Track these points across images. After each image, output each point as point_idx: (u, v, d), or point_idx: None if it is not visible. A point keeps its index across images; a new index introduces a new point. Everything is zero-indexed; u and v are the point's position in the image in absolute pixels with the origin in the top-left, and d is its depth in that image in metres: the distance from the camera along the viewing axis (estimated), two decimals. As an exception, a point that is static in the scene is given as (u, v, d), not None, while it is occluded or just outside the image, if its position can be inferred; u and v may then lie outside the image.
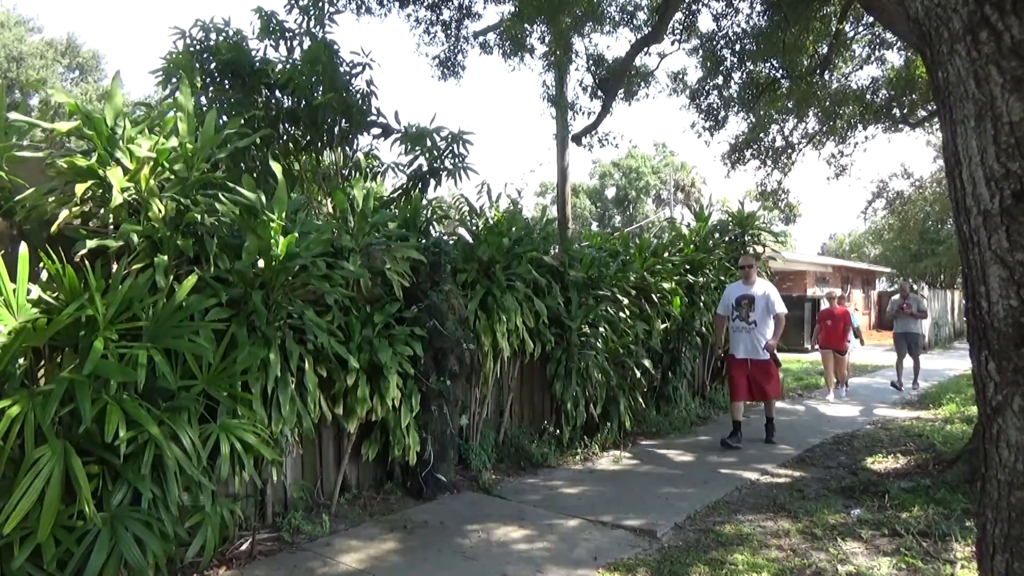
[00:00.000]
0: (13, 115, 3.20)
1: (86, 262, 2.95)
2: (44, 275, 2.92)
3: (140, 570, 2.73)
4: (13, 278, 2.71)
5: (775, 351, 6.39)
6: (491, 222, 5.88)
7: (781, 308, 6.48)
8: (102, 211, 3.20)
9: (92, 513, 2.61)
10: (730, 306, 6.63)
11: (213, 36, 5.73)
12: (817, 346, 10.12)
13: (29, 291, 2.76)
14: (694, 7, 10.09)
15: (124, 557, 2.71)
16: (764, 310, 6.43)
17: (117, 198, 3.05)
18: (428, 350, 4.65)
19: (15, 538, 2.50)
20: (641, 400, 6.82)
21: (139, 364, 2.74)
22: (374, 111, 6.23)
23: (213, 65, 5.69)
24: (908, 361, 10.46)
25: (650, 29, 9.94)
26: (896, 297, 10.95)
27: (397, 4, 9.58)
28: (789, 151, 13.02)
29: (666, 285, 7.39)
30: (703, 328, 7.77)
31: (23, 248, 2.75)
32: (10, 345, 2.57)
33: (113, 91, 3.26)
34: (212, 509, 3.12)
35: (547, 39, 10.08)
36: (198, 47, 5.68)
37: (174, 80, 5.39)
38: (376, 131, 6.38)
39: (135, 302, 2.91)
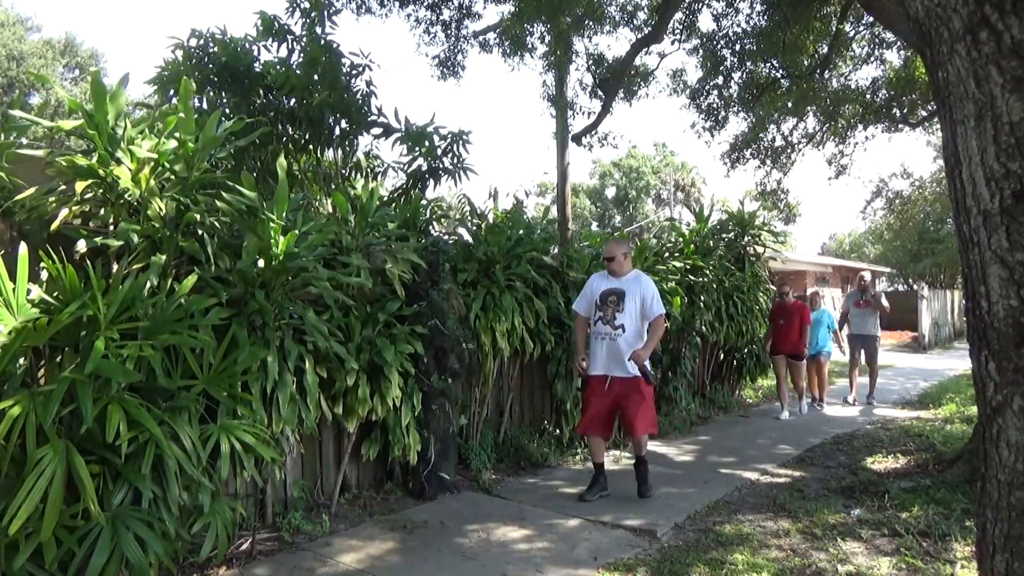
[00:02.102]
0: (16, 112, 3.20)
1: (87, 261, 2.95)
2: (44, 275, 2.92)
3: (142, 569, 2.73)
4: (13, 278, 2.71)
5: (646, 366, 4.55)
6: (491, 222, 5.88)
7: (660, 308, 4.71)
8: (102, 211, 3.21)
9: (96, 512, 2.61)
10: (592, 304, 4.82)
11: (210, 44, 5.73)
12: (769, 353, 8.40)
13: (29, 291, 2.75)
14: (694, 7, 10.10)
15: (125, 557, 2.71)
16: (637, 312, 4.68)
17: (134, 192, 3.05)
18: (429, 349, 4.65)
19: (19, 537, 2.50)
20: (641, 400, 6.81)
21: (129, 357, 2.74)
22: (374, 111, 6.23)
23: (211, 68, 5.69)
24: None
25: (650, 29, 9.94)
26: (852, 291, 9.44)
27: (397, 4, 9.59)
28: (789, 151, 13.04)
29: (666, 285, 7.39)
30: (703, 328, 7.77)
31: (23, 248, 2.75)
32: (10, 344, 2.56)
33: (117, 91, 3.26)
34: (216, 508, 3.12)
35: (547, 39, 10.08)
36: (196, 55, 5.68)
37: (171, 90, 5.39)
38: (376, 131, 6.38)
39: (136, 302, 2.91)
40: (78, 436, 2.69)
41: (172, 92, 5.37)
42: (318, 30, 5.98)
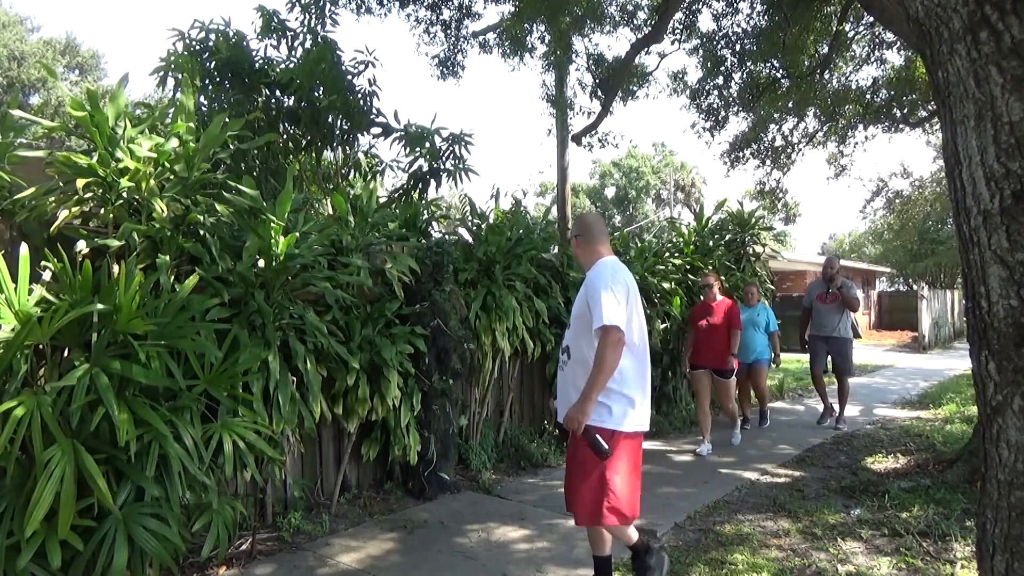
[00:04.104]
0: (16, 112, 3.21)
1: (107, 260, 2.97)
2: (47, 275, 2.92)
3: (162, 558, 2.80)
4: (14, 277, 2.72)
5: (592, 432, 2.74)
6: (492, 222, 5.89)
7: (606, 315, 2.70)
8: (102, 211, 3.21)
9: (111, 506, 2.64)
10: None
11: (212, 37, 5.73)
12: (687, 367, 6.42)
13: (31, 291, 2.76)
14: (694, 7, 10.08)
15: (132, 553, 2.73)
16: (582, 323, 2.90)
17: (134, 192, 3.04)
18: (431, 349, 4.65)
19: (21, 538, 2.51)
20: (641, 400, 6.80)
21: (151, 358, 2.79)
22: (374, 111, 6.23)
23: (212, 65, 5.70)
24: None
25: (650, 29, 9.93)
26: (815, 281, 7.35)
27: (397, 4, 9.57)
28: (789, 151, 13.02)
29: (666, 285, 7.40)
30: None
31: (24, 248, 2.76)
32: (13, 342, 2.57)
33: (116, 92, 3.27)
34: (220, 506, 3.13)
35: (547, 39, 10.07)
36: (197, 47, 5.68)
37: (172, 81, 5.39)
38: (376, 131, 6.38)
39: (139, 303, 2.92)
40: (82, 435, 2.70)
41: (173, 85, 5.37)
42: (318, 28, 5.99)
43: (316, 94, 5.67)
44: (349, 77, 5.98)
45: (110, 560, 2.66)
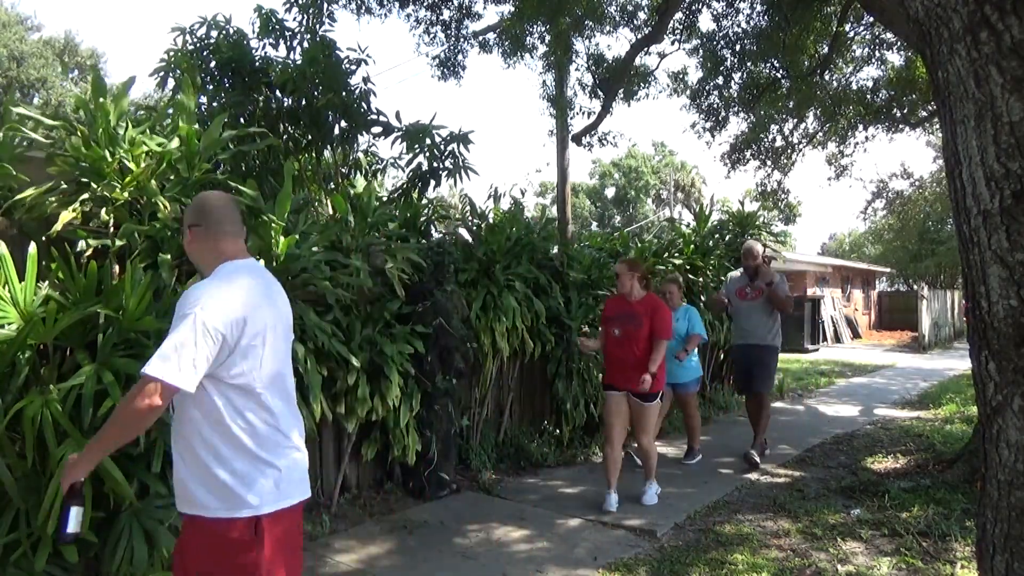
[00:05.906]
0: (19, 108, 3.22)
1: (108, 261, 2.98)
2: (52, 275, 2.93)
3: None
4: (20, 277, 2.73)
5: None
6: (492, 222, 5.89)
7: (156, 356, 1.69)
8: (103, 211, 3.21)
9: (129, 497, 2.65)
10: None
11: (214, 33, 5.73)
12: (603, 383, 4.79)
13: (39, 289, 2.78)
14: (694, 7, 10.08)
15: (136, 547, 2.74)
16: None
17: (135, 192, 3.05)
18: (433, 349, 4.65)
19: (44, 536, 2.52)
20: (641, 400, 6.81)
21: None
22: (373, 110, 6.22)
23: (213, 64, 5.69)
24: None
25: (650, 29, 9.93)
26: (736, 274, 5.89)
27: (397, 4, 9.57)
28: (789, 151, 13.02)
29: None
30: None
31: (32, 248, 2.77)
32: (16, 340, 2.57)
33: (120, 93, 3.28)
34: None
35: (547, 39, 10.07)
36: (199, 44, 5.68)
37: (172, 79, 5.39)
38: (376, 130, 6.37)
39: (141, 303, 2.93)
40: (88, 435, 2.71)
41: (174, 85, 5.36)
42: (316, 27, 5.98)
43: (315, 93, 5.66)
44: (346, 76, 5.96)
45: (122, 554, 2.69)
